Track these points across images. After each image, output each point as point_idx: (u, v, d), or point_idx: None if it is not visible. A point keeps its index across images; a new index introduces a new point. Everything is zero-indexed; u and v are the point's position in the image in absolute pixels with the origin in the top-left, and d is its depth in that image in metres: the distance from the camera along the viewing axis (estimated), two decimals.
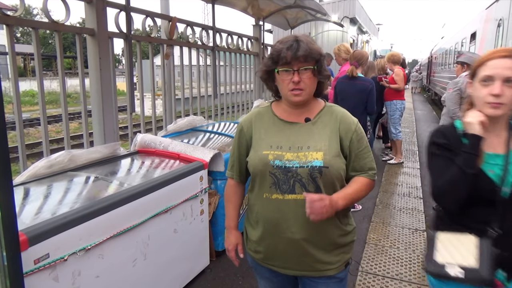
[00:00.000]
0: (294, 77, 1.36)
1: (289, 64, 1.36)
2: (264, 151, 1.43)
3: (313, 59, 1.37)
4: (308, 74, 1.38)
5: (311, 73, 1.38)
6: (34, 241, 1.60)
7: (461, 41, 10.74)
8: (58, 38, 2.64)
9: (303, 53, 1.34)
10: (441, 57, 16.52)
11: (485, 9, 7.50)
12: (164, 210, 2.38)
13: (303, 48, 1.35)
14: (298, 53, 1.34)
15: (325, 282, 1.50)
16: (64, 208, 1.91)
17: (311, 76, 1.39)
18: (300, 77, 1.36)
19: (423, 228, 3.83)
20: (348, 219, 1.54)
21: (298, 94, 1.39)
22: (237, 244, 1.61)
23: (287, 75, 1.38)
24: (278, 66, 1.39)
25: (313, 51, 1.37)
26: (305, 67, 1.36)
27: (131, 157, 2.93)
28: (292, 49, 1.35)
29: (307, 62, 1.37)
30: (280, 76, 1.40)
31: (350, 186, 1.45)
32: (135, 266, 2.18)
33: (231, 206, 1.64)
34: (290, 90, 1.39)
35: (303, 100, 1.42)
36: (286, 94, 1.42)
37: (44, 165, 2.38)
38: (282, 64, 1.37)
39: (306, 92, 1.40)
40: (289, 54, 1.34)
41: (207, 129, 3.91)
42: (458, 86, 3.90)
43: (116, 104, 3.13)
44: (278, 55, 1.37)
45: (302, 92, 1.39)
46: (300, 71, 1.36)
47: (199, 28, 4.38)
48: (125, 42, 3.21)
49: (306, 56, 1.35)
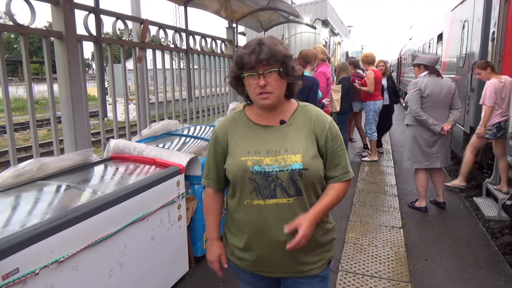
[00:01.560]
0: (260, 81, 1.34)
1: (254, 69, 1.34)
2: (242, 158, 1.40)
3: (277, 61, 1.35)
4: (274, 76, 1.35)
5: (277, 75, 1.36)
6: (2, 255, 1.51)
7: (428, 42, 11.07)
8: (24, 41, 2.52)
9: (265, 56, 1.32)
10: (410, 58, 17.01)
11: (451, 11, 7.76)
12: (141, 218, 2.31)
13: (265, 51, 1.32)
14: (261, 56, 1.31)
15: (309, 282, 1.50)
16: (34, 219, 1.82)
17: (278, 78, 1.36)
18: (266, 80, 1.34)
19: (399, 225, 3.90)
20: (328, 218, 1.55)
21: (266, 97, 1.37)
22: (220, 255, 1.57)
23: (253, 79, 1.36)
24: (244, 71, 1.36)
25: (277, 53, 1.34)
26: (269, 70, 1.34)
27: (104, 163, 2.83)
28: (255, 53, 1.32)
29: (271, 65, 1.34)
30: (247, 81, 1.38)
31: (327, 195, 1.45)
32: (111, 276, 2.11)
33: (212, 216, 1.60)
34: (258, 94, 1.37)
35: (272, 103, 1.40)
36: (255, 98, 1.40)
37: (11, 174, 2.26)
38: (247, 69, 1.35)
39: (274, 95, 1.38)
40: (252, 59, 1.32)
41: (183, 133, 3.85)
42: (417, 86, 4.02)
43: (87, 109, 3.03)
44: (241, 60, 1.34)
45: (270, 95, 1.37)
46: (265, 74, 1.34)
47: (171, 31, 4.31)
48: (95, 45, 3.11)
49: (269, 58, 1.32)
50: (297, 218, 1.36)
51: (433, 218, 4.12)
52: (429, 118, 3.99)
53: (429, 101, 4.00)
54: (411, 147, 4.22)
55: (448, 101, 4.05)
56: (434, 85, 3.99)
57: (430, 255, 3.30)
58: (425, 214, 4.21)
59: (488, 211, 4.33)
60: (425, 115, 3.99)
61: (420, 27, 15.44)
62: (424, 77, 4.07)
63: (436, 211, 4.32)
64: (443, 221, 4.04)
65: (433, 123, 3.98)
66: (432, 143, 4.11)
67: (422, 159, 4.16)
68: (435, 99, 3.99)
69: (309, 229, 1.35)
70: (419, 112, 4.00)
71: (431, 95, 3.98)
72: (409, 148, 4.26)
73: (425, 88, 3.99)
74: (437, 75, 4.05)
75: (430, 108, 4.02)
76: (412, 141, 4.20)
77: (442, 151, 4.15)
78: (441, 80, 4.05)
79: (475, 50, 5.71)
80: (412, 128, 4.19)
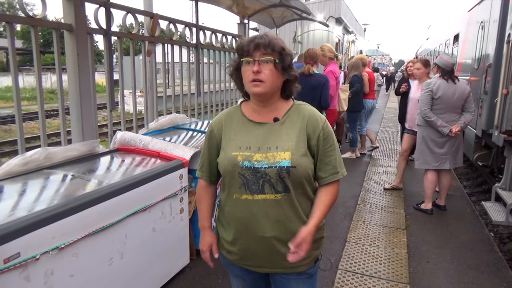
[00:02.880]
0: (254, 66, 1.37)
1: (251, 55, 1.38)
2: (233, 152, 1.43)
3: (273, 50, 1.38)
4: (270, 66, 1.38)
5: (272, 66, 1.38)
6: (4, 240, 1.56)
7: (444, 42, 10.89)
8: (34, 33, 2.58)
9: (263, 42, 1.37)
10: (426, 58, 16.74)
11: (468, 12, 7.62)
12: (142, 209, 2.36)
13: (265, 39, 1.38)
14: (259, 42, 1.37)
15: (296, 278, 1.52)
16: (38, 206, 1.87)
17: (273, 69, 1.38)
18: (260, 68, 1.37)
19: (403, 227, 3.88)
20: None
21: (258, 85, 1.38)
22: (211, 245, 1.59)
23: (248, 66, 1.39)
24: (242, 57, 1.41)
25: (275, 43, 1.38)
26: (265, 58, 1.37)
27: (109, 155, 2.89)
28: (254, 40, 1.38)
29: (267, 54, 1.37)
30: (243, 68, 1.41)
31: (323, 203, 1.46)
32: (111, 265, 2.16)
33: (204, 206, 1.63)
34: (251, 81, 1.39)
35: (263, 92, 1.40)
36: (248, 86, 1.42)
37: (19, 162, 2.32)
38: (244, 56, 1.40)
39: (266, 85, 1.38)
40: (251, 46, 1.37)
41: (190, 127, 3.88)
42: (430, 87, 3.98)
43: (95, 101, 3.08)
44: (241, 47, 1.40)
45: (261, 84, 1.38)
46: (261, 62, 1.37)
47: (182, 26, 4.35)
48: (104, 38, 3.16)
49: (266, 46, 1.37)
50: (300, 232, 1.38)
51: (438, 221, 4.08)
52: (438, 119, 3.96)
53: (440, 103, 3.97)
54: (421, 147, 4.20)
55: (460, 105, 4.01)
56: (447, 88, 3.95)
57: (431, 258, 3.28)
58: (430, 217, 4.18)
59: (496, 216, 4.26)
60: (434, 117, 3.95)
61: (437, 26, 15.19)
62: (438, 78, 4.02)
63: (441, 214, 4.27)
64: (448, 225, 4.00)
65: (442, 124, 3.95)
66: (442, 144, 4.07)
67: (431, 160, 4.13)
68: (447, 101, 3.95)
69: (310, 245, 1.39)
70: (428, 113, 3.97)
71: (443, 98, 3.94)
72: (418, 149, 4.25)
73: (437, 90, 3.95)
74: (448, 79, 3.98)
75: (440, 110, 3.99)
76: (422, 142, 4.18)
77: (451, 152, 4.11)
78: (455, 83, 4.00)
79: (490, 52, 5.59)
80: (422, 128, 4.17)
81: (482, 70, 5.94)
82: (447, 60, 4.07)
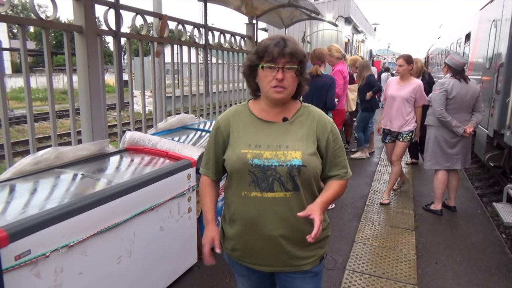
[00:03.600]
0: (278, 74, 1.38)
1: (275, 61, 1.38)
2: (243, 150, 1.44)
3: (297, 59, 1.40)
4: (292, 73, 1.40)
5: (294, 73, 1.40)
6: (15, 237, 1.60)
7: (456, 41, 10.76)
8: (45, 35, 2.63)
9: (289, 51, 1.36)
10: (437, 57, 16.57)
11: (479, 10, 7.52)
12: (150, 208, 2.39)
13: (290, 46, 1.37)
14: (285, 50, 1.36)
15: (301, 277, 1.53)
16: (48, 205, 1.91)
17: (294, 76, 1.41)
18: (284, 75, 1.38)
19: (412, 228, 3.85)
20: (324, 215, 1.56)
21: (280, 91, 1.40)
22: (213, 239, 1.53)
23: (271, 71, 1.39)
24: (263, 61, 1.40)
25: (299, 52, 1.40)
26: (289, 66, 1.38)
27: (119, 154, 2.93)
28: (279, 46, 1.37)
29: (292, 62, 1.38)
30: (264, 72, 1.41)
31: (331, 188, 1.50)
32: (119, 263, 2.19)
33: (207, 199, 1.61)
34: (273, 87, 1.40)
35: (284, 98, 1.44)
36: (268, 91, 1.42)
37: (30, 162, 2.37)
38: (267, 61, 1.39)
39: (287, 91, 1.42)
40: (276, 50, 1.36)
41: (198, 128, 3.91)
42: (444, 87, 3.93)
43: (104, 101, 3.12)
44: (264, 50, 1.38)
45: (284, 91, 1.41)
46: (285, 69, 1.38)
47: (191, 26, 4.38)
48: (114, 39, 3.20)
49: (292, 55, 1.37)
50: (308, 207, 1.38)
51: (448, 222, 4.04)
52: (453, 120, 3.92)
53: (454, 103, 3.93)
54: (433, 148, 4.15)
55: (472, 104, 3.98)
56: (460, 87, 3.91)
57: (440, 259, 3.25)
58: (440, 218, 4.14)
59: (508, 218, 4.19)
60: (449, 117, 3.92)
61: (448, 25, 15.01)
62: (450, 78, 3.98)
63: (451, 215, 4.23)
64: (458, 226, 3.96)
65: (456, 125, 3.91)
66: (454, 144, 4.04)
67: (443, 160, 4.09)
68: (460, 101, 3.91)
69: (321, 215, 1.37)
70: (444, 114, 3.92)
71: (457, 97, 3.90)
72: (430, 149, 4.19)
73: (452, 89, 3.91)
74: (461, 79, 3.94)
75: (454, 110, 3.95)
76: (434, 142, 4.13)
77: (463, 152, 4.08)
78: (467, 83, 3.95)
79: (503, 51, 5.51)
80: (434, 129, 4.13)
81: (494, 69, 5.86)
82: (458, 60, 4.02)
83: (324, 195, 1.46)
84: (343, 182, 1.53)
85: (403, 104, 4.32)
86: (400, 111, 4.35)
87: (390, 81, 4.61)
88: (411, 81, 4.35)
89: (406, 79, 4.38)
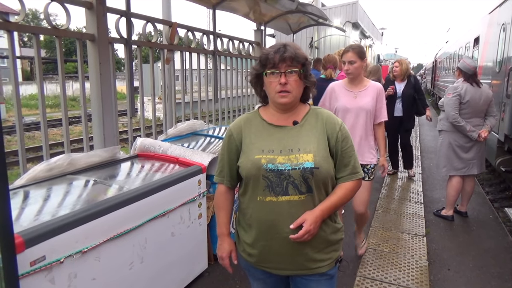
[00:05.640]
0: (281, 79, 1.42)
1: (277, 67, 1.42)
2: (256, 156, 1.46)
3: (299, 62, 1.44)
4: (295, 77, 1.43)
5: (297, 76, 1.44)
6: (30, 243, 1.62)
7: (465, 45, 10.71)
8: (59, 43, 2.68)
9: (289, 55, 1.41)
10: (445, 62, 16.48)
11: (488, 14, 7.48)
12: (162, 214, 2.40)
13: (290, 51, 1.42)
14: (285, 55, 1.40)
15: (317, 280, 1.54)
16: (62, 211, 1.93)
17: (297, 79, 1.45)
18: (287, 79, 1.42)
19: (423, 233, 3.81)
20: (336, 217, 1.59)
21: (285, 96, 1.44)
22: (231, 251, 1.61)
23: (274, 77, 1.44)
24: (266, 69, 1.44)
25: (299, 55, 1.44)
26: (291, 69, 1.42)
27: (130, 161, 2.95)
28: (280, 52, 1.41)
29: (293, 65, 1.42)
30: (268, 79, 1.45)
31: (335, 193, 1.50)
32: (131, 269, 2.20)
33: (223, 213, 1.65)
34: (278, 92, 1.44)
35: (290, 102, 1.46)
36: (274, 96, 1.47)
37: (44, 168, 2.41)
38: (270, 67, 1.43)
39: (292, 95, 1.45)
40: (276, 57, 1.41)
41: (208, 133, 3.93)
42: (457, 91, 3.90)
43: (116, 108, 3.16)
44: (266, 58, 1.43)
45: (288, 94, 1.44)
46: (287, 73, 1.42)
47: (199, 33, 4.42)
48: (125, 47, 3.25)
49: (293, 58, 1.41)
50: (303, 214, 1.41)
51: (459, 228, 3.99)
52: (467, 124, 3.88)
53: (468, 108, 3.89)
54: (447, 153, 4.09)
55: (485, 109, 3.94)
56: (473, 92, 3.87)
57: (453, 265, 3.21)
58: (451, 223, 4.09)
59: None
60: (463, 121, 3.88)
61: (457, 29, 14.94)
62: (463, 82, 3.95)
63: (462, 220, 4.18)
64: (470, 231, 3.91)
65: (471, 129, 3.87)
66: (468, 149, 3.99)
67: (459, 165, 4.04)
68: (474, 106, 3.88)
69: (314, 225, 1.40)
70: (457, 118, 3.88)
71: (471, 102, 3.86)
72: (445, 155, 4.12)
73: (465, 94, 3.87)
74: (473, 83, 3.91)
75: (467, 115, 3.91)
76: (448, 148, 4.08)
77: (478, 157, 4.02)
78: (479, 87, 3.93)
79: None
80: (447, 134, 4.08)
81: (504, 73, 5.81)
82: (469, 63, 4.00)
83: (326, 202, 1.47)
84: (350, 185, 1.51)
85: (365, 119, 2.88)
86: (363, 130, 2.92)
87: (333, 86, 3.02)
88: (366, 84, 2.93)
89: (360, 81, 2.95)
